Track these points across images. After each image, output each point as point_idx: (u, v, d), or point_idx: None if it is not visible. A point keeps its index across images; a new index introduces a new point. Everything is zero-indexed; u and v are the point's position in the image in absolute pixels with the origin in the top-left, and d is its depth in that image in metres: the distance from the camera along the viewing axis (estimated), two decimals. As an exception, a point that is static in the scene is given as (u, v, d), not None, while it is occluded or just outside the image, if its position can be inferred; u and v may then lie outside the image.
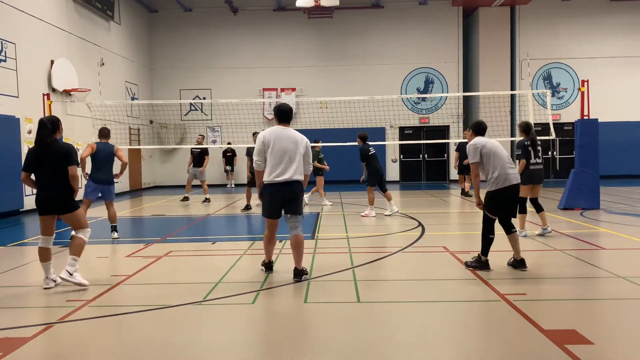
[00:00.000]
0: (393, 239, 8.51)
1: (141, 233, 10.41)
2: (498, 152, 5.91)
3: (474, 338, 4.03)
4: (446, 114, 22.30)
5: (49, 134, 5.44)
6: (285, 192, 5.57)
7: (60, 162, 5.42)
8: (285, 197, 5.59)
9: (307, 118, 21.52)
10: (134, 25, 20.89)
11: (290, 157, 5.55)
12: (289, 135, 5.65)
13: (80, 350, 3.89)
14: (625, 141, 21.21)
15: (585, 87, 11.73)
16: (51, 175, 5.42)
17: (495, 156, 5.87)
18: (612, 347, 3.78)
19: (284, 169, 5.53)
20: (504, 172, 5.81)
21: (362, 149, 11.08)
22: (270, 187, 5.60)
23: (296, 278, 5.67)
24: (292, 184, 5.57)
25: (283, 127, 5.72)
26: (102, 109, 16.13)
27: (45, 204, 5.47)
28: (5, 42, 12.53)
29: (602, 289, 5.38)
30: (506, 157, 5.94)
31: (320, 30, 22.45)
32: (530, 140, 8.00)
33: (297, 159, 5.58)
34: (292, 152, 5.56)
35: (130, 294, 5.39)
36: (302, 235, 5.73)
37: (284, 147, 5.56)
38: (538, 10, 22.03)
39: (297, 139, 5.66)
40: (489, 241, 5.95)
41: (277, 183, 5.54)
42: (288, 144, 5.58)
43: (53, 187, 5.43)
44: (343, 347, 3.80)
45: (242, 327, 4.35)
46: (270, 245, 5.96)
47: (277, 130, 5.66)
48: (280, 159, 5.54)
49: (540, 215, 8.16)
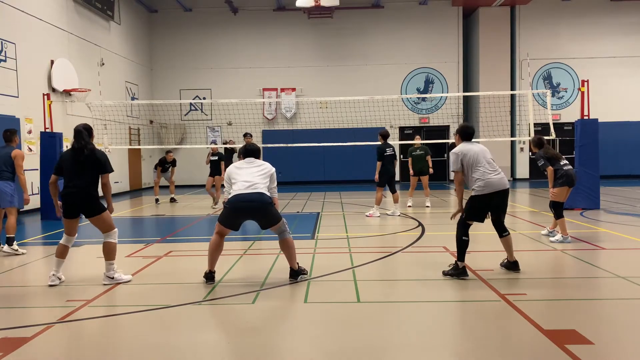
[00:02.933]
0: (393, 239, 8.51)
1: (141, 233, 10.41)
2: (480, 159, 5.72)
3: (474, 338, 4.03)
4: (446, 114, 22.30)
5: (88, 140, 5.73)
6: (247, 203, 5.45)
7: (95, 170, 5.65)
8: (252, 211, 5.48)
9: (307, 118, 21.54)
10: (134, 25, 20.89)
11: (253, 174, 5.59)
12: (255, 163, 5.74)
13: (80, 350, 3.89)
14: (625, 141, 21.22)
15: (585, 87, 11.73)
16: (84, 180, 5.58)
17: (476, 164, 5.70)
18: (612, 347, 3.78)
19: (246, 183, 5.53)
20: (484, 178, 5.63)
21: (378, 148, 10.94)
22: (234, 197, 5.51)
23: (291, 278, 5.66)
24: (255, 195, 5.46)
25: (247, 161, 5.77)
26: (102, 109, 16.13)
27: (74, 207, 5.62)
28: (5, 42, 12.53)
29: (602, 289, 5.38)
30: (489, 163, 5.74)
31: (320, 30, 22.46)
32: (544, 152, 7.83)
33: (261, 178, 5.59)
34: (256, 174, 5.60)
35: (130, 294, 5.39)
36: (288, 238, 5.67)
37: (247, 170, 5.62)
38: (538, 10, 22.04)
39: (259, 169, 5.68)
40: (463, 244, 5.74)
41: (240, 194, 5.45)
42: (250, 175, 5.59)
43: (83, 191, 5.58)
44: (343, 347, 3.80)
45: (242, 327, 4.35)
46: (216, 252, 5.66)
47: (242, 163, 5.77)
48: (243, 177, 5.56)
49: (559, 221, 7.73)
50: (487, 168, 5.71)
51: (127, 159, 19.72)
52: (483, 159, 5.75)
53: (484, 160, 5.75)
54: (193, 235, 9.48)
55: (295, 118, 22.41)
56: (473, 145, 5.86)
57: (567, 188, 7.67)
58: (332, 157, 21.92)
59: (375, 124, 20.33)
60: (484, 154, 5.82)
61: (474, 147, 5.83)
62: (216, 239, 5.64)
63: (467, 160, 5.74)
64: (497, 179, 5.68)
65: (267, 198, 5.50)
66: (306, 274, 5.79)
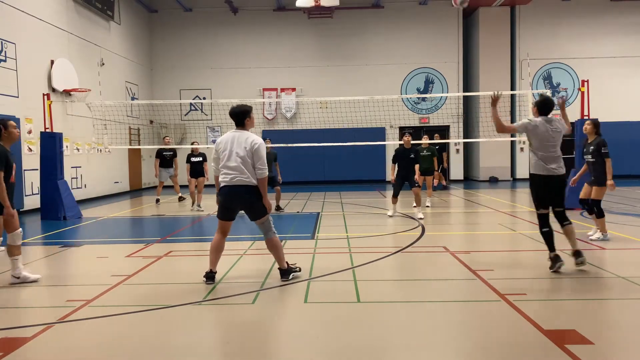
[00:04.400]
0: (393, 239, 8.51)
1: (141, 233, 10.41)
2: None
3: (474, 338, 4.03)
4: (446, 114, 22.30)
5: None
6: (233, 195, 5.43)
7: None
8: (234, 201, 5.46)
9: (307, 118, 21.53)
10: (134, 25, 20.89)
11: (237, 160, 5.36)
12: (239, 138, 5.44)
13: (80, 350, 3.89)
14: (625, 141, 21.20)
15: (585, 87, 11.73)
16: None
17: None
18: (612, 347, 3.78)
19: (230, 172, 5.41)
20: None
21: (395, 151, 10.97)
22: (221, 189, 5.51)
23: (283, 278, 5.61)
24: (240, 188, 5.40)
25: (236, 131, 5.54)
26: (102, 109, 16.13)
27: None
28: (5, 42, 12.53)
29: (602, 289, 5.37)
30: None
31: (320, 30, 22.46)
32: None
33: (244, 161, 5.36)
34: (239, 155, 5.37)
35: (130, 294, 5.38)
36: (273, 238, 5.57)
37: (232, 151, 5.39)
38: (538, 10, 22.04)
39: (246, 141, 5.41)
40: (544, 235, 5.82)
41: (227, 185, 5.43)
42: (236, 147, 5.39)
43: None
44: (343, 347, 3.80)
45: (242, 327, 4.35)
46: (216, 252, 5.61)
47: (229, 135, 5.53)
48: (228, 163, 5.39)
49: (599, 221, 7.68)
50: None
51: (127, 159, 19.73)
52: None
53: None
54: (193, 235, 9.48)
55: (295, 118, 22.41)
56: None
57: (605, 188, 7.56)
58: (332, 157, 21.92)
59: (375, 124, 20.34)
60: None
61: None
62: (217, 237, 5.63)
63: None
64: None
65: (252, 192, 5.41)
66: (299, 272, 5.77)
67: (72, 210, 11.83)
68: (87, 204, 15.32)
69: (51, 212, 11.57)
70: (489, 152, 21.94)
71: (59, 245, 8.30)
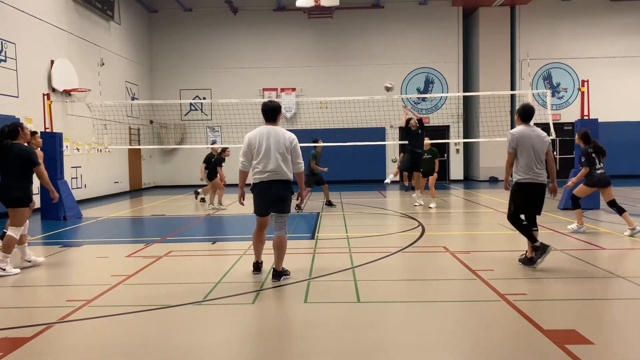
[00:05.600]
0: (393, 239, 8.51)
1: (141, 233, 10.41)
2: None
3: (474, 338, 4.03)
4: (446, 114, 22.31)
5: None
6: (271, 191, 5.52)
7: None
8: (271, 196, 5.53)
9: (307, 118, 21.54)
10: (134, 25, 20.89)
11: (276, 157, 5.46)
12: (276, 134, 5.54)
13: (80, 350, 3.89)
14: (625, 141, 21.21)
15: (585, 87, 11.73)
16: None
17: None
18: (612, 347, 3.78)
19: (269, 167, 5.49)
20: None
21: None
22: (257, 185, 5.58)
23: (274, 279, 5.64)
24: (277, 183, 5.51)
25: (269, 126, 5.63)
26: (102, 109, 16.13)
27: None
28: (5, 42, 12.53)
29: (602, 289, 5.38)
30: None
31: (320, 30, 22.46)
32: (593, 148, 8.36)
33: (283, 157, 5.49)
34: (278, 151, 5.48)
35: (130, 294, 5.38)
36: (284, 237, 5.65)
37: (269, 147, 5.47)
38: (538, 10, 22.04)
39: (284, 137, 5.54)
40: (525, 228, 5.98)
41: (264, 181, 5.50)
42: (273, 143, 5.49)
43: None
44: (343, 347, 3.80)
45: (242, 327, 4.35)
46: (259, 244, 5.90)
47: (263, 130, 5.58)
48: (266, 159, 5.47)
49: (623, 217, 8.20)
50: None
51: (127, 159, 19.73)
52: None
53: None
54: (193, 235, 9.48)
55: (295, 118, 22.41)
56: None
57: (592, 189, 8.51)
58: (332, 157, 21.86)
59: (375, 124, 20.34)
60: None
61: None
62: (256, 231, 5.85)
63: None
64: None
65: (287, 187, 5.56)
66: (289, 276, 5.76)
67: (72, 210, 11.83)
68: (87, 204, 15.32)
69: (51, 212, 11.57)
70: (488, 152, 21.93)
71: (59, 245, 8.30)
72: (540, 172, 5.91)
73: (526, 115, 6.03)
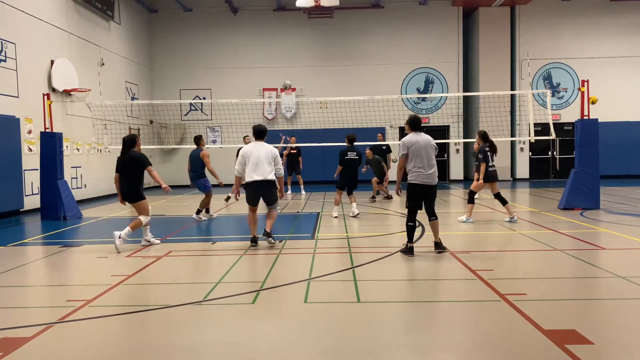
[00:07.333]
0: (393, 239, 8.51)
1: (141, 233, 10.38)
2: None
3: (474, 338, 4.03)
4: (446, 114, 22.31)
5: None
6: (260, 189, 7.60)
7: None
8: (261, 192, 7.64)
9: (307, 118, 21.55)
10: (134, 25, 20.89)
11: (264, 165, 7.52)
12: (264, 149, 7.65)
13: (80, 350, 3.89)
14: (625, 141, 21.21)
15: (585, 87, 11.73)
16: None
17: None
18: (612, 347, 3.78)
19: (259, 172, 7.52)
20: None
21: (340, 152, 10.93)
22: (250, 184, 7.58)
23: (264, 237, 7.57)
24: (265, 183, 7.55)
25: (258, 142, 7.74)
26: (102, 109, 16.13)
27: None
28: (5, 42, 12.53)
29: (602, 289, 5.38)
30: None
31: (320, 30, 22.45)
32: (489, 146, 9.58)
33: (269, 165, 7.56)
34: (267, 161, 7.57)
35: (130, 294, 5.39)
36: (274, 211, 7.80)
37: (259, 157, 7.53)
38: (538, 10, 22.04)
39: (270, 150, 7.66)
40: (411, 228, 6.91)
41: (255, 182, 7.51)
42: (263, 155, 7.57)
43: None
44: (343, 347, 3.80)
45: (242, 327, 4.35)
46: (253, 223, 7.80)
47: (253, 146, 7.67)
48: (256, 166, 7.51)
49: (505, 207, 9.75)
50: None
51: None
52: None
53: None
54: (193, 235, 9.48)
55: (295, 118, 22.41)
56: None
57: (489, 184, 9.78)
58: (332, 157, 21.82)
59: (375, 124, 20.34)
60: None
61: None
62: (250, 213, 7.82)
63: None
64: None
65: (273, 185, 7.61)
66: (273, 242, 7.55)
67: (72, 210, 11.83)
68: (87, 204, 15.32)
69: (51, 212, 11.57)
70: (489, 152, 21.90)
71: (59, 245, 8.30)
72: (430, 174, 6.77)
73: (415, 125, 6.93)
